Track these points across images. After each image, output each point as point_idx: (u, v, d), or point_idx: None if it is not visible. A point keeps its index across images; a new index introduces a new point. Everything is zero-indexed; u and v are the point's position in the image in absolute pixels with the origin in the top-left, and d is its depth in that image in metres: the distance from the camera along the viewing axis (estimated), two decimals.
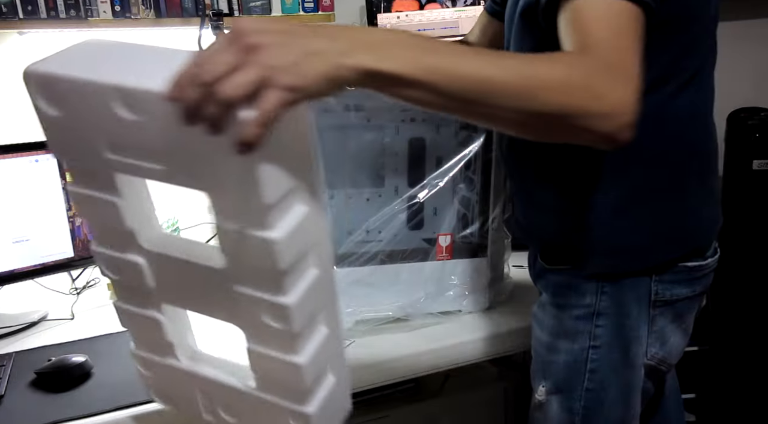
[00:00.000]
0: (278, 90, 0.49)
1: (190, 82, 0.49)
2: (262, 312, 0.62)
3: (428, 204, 1.21)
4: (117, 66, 0.58)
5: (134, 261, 0.68)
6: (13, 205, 1.19)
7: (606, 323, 0.86)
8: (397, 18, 1.58)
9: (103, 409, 0.89)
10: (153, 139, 0.55)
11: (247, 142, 0.49)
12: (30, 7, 1.28)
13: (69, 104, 0.58)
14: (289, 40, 0.51)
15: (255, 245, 0.57)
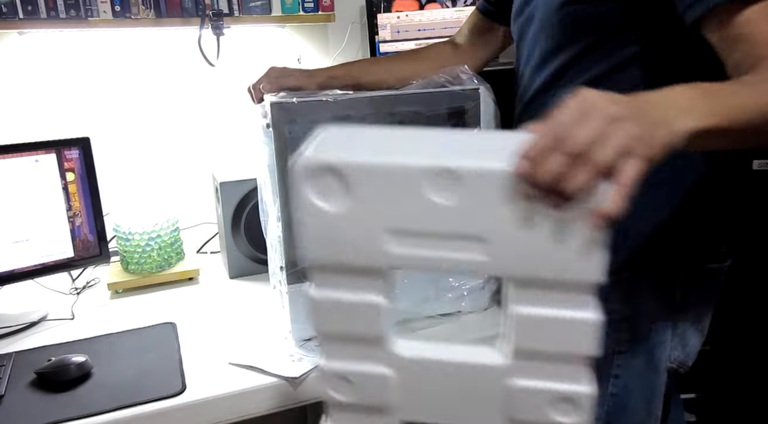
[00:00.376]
0: (639, 160, 0.50)
1: (550, 154, 0.48)
2: (549, 408, 0.56)
3: None
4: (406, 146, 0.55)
5: (381, 373, 0.59)
6: (13, 205, 1.19)
7: (630, 328, 0.86)
8: (397, 18, 1.58)
9: (103, 409, 0.89)
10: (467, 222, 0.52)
11: (609, 214, 0.49)
12: (30, 7, 1.28)
13: (354, 195, 0.53)
14: (640, 112, 0.52)
15: (566, 330, 0.54)
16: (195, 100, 1.58)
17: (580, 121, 0.50)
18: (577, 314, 0.53)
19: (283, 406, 0.96)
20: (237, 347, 1.05)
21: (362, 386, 0.60)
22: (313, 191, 0.53)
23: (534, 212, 0.50)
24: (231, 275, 1.39)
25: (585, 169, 0.48)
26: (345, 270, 0.56)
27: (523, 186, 0.49)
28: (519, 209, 0.50)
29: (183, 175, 1.60)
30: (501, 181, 0.50)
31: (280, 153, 0.99)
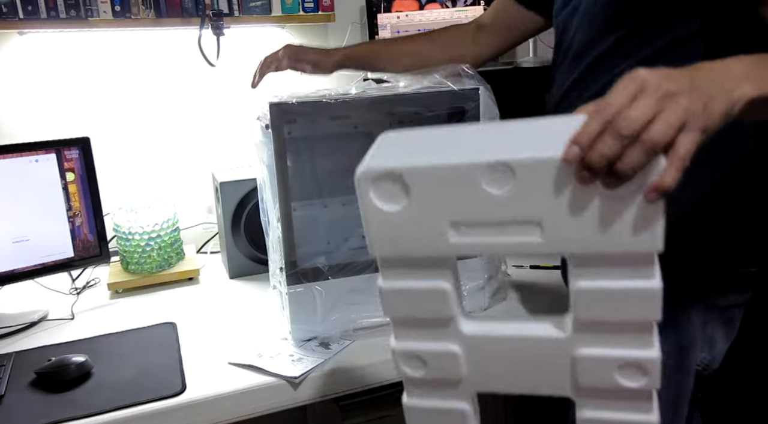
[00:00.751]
0: (694, 132, 0.50)
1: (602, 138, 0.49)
2: (616, 374, 0.59)
3: None
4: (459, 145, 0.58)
5: (450, 351, 0.63)
6: (13, 205, 1.20)
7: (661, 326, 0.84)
8: (397, 18, 1.58)
9: (103, 409, 0.89)
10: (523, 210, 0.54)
11: (665, 187, 0.49)
12: (30, 7, 1.28)
13: (414, 196, 0.57)
14: (694, 84, 0.53)
15: (630, 300, 0.56)
16: (195, 100, 1.58)
17: (633, 100, 0.51)
18: (638, 284, 0.55)
19: (283, 406, 0.96)
20: (237, 347, 1.05)
21: (434, 363, 0.64)
22: (377, 196, 0.58)
23: (588, 193, 0.52)
24: (231, 275, 1.39)
25: (639, 149, 0.49)
26: (411, 262, 0.61)
27: (577, 171, 0.51)
28: (573, 193, 0.52)
29: (183, 176, 1.60)
30: (553, 169, 0.52)
31: (279, 153, 0.99)
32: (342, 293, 1.05)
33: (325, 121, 1.12)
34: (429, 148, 0.59)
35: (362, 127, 1.16)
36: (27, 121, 1.46)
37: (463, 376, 0.64)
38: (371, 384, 1.01)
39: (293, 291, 1.03)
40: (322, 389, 0.98)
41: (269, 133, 0.99)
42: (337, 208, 1.19)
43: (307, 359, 1.00)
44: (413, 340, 0.65)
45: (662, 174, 0.50)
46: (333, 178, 1.18)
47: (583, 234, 0.54)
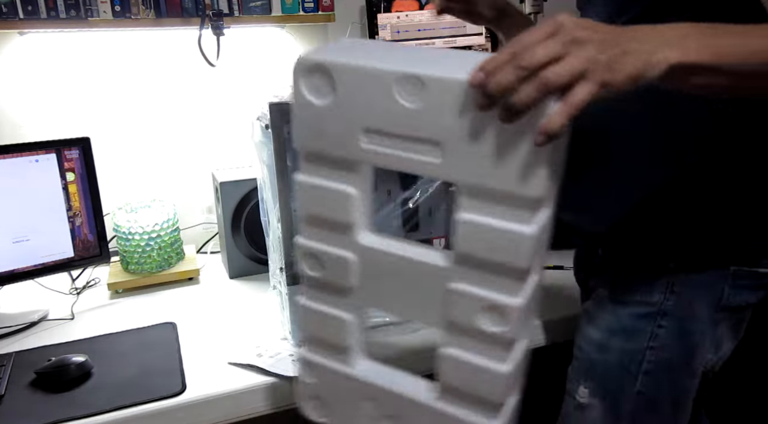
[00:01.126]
0: (592, 84, 0.51)
1: (503, 67, 0.51)
2: (480, 314, 0.60)
3: (423, 206, 1.20)
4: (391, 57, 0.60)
5: (344, 256, 0.66)
6: (13, 205, 1.20)
7: (670, 324, 0.83)
8: (397, 18, 1.58)
9: (103, 409, 0.89)
10: (428, 127, 0.57)
11: (551, 132, 0.50)
12: (30, 7, 1.28)
13: (338, 93, 0.60)
14: (610, 38, 0.53)
15: (501, 240, 0.57)
16: (195, 100, 1.57)
17: (543, 40, 0.52)
18: (513, 227, 0.57)
19: (283, 406, 0.96)
20: (237, 347, 1.05)
21: (330, 266, 0.68)
22: (306, 87, 0.62)
23: (486, 122, 0.54)
24: (231, 275, 1.39)
25: (533, 85, 0.50)
26: (327, 161, 0.64)
27: (478, 96, 0.53)
28: (473, 119, 0.55)
29: (183, 176, 1.60)
30: (459, 90, 0.54)
31: (279, 153, 0.99)
32: None
33: None
34: (364, 53, 0.62)
35: None
36: (27, 121, 1.46)
37: (354, 285, 0.67)
38: None
39: (293, 291, 1.03)
40: None
41: (269, 133, 0.99)
42: None
43: None
44: (315, 240, 0.68)
45: (550, 117, 0.51)
46: None
47: (475, 164, 0.56)
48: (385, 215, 1.20)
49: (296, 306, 1.03)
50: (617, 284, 0.87)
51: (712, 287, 0.82)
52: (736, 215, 0.81)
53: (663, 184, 0.81)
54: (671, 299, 0.82)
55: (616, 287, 0.87)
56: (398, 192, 1.20)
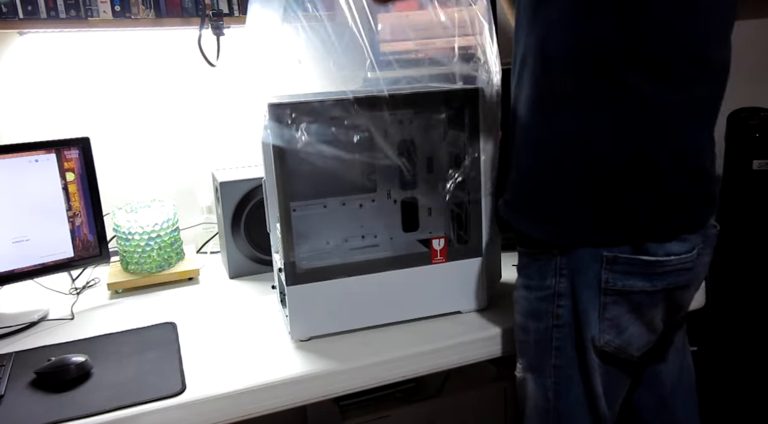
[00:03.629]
0: None
1: None
2: None
3: (422, 206, 1.21)
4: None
5: None
6: (13, 205, 1.20)
7: (565, 303, 0.92)
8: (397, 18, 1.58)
9: (103, 409, 0.89)
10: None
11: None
12: (30, 7, 1.28)
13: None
14: None
15: None
16: (195, 100, 1.58)
17: None
18: None
19: (283, 406, 0.96)
20: (237, 347, 1.05)
21: None
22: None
23: None
24: (231, 275, 1.39)
25: None
26: None
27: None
28: None
29: (183, 176, 1.60)
30: None
31: (279, 153, 0.99)
32: (342, 293, 1.05)
33: (325, 120, 1.12)
34: None
35: (362, 127, 1.16)
36: (27, 121, 1.46)
37: None
38: (371, 384, 1.01)
39: (293, 291, 1.03)
40: (322, 389, 0.98)
41: (269, 133, 0.99)
42: (337, 208, 1.19)
43: (307, 359, 1.00)
44: None
45: None
46: (333, 178, 1.18)
47: None
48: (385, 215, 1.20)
49: (296, 307, 1.03)
50: (524, 271, 0.97)
51: (590, 271, 0.89)
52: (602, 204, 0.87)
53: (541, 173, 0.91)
54: (562, 282, 0.91)
55: (524, 273, 0.97)
56: (398, 192, 1.20)
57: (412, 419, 1.34)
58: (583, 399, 0.93)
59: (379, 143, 1.09)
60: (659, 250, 0.87)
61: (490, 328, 1.09)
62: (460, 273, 1.11)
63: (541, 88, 0.88)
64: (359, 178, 1.19)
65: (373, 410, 1.31)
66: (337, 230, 1.19)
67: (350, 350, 1.02)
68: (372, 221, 1.20)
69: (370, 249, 1.20)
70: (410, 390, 1.36)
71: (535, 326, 0.95)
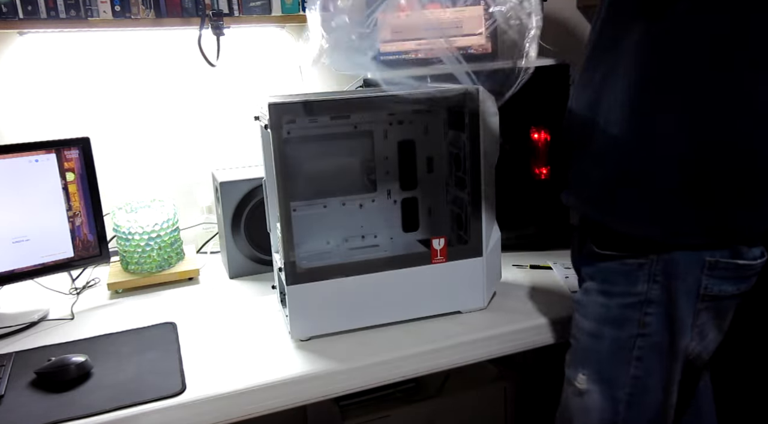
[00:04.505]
0: None
1: None
2: None
3: (422, 205, 1.21)
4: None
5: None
6: (13, 205, 1.20)
7: (655, 311, 0.88)
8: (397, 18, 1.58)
9: (103, 409, 0.89)
10: None
11: None
12: (30, 7, 1.28)
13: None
14: None
15: None
16: (195, 100, 1.58)
17: None
18: None
19: (283, 406, 0.96)
20: (237, 347, 1.05)
21: None
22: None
23: None
24: (231, 275, 1.39)
25: None
26: None
27: None
28: None
29: (183, 176, 1.60)
30: None
31: (279, 153, 0.99)
32: (342, 293, 1.05)
33: (325, 121, 1.12)
34: None
35: (362, 127, 1.16)
36: (27, 121, 1.46)
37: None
38: (371, 384, 1.01)
39: (293, 291, 1.03)
40: (322, 389, 0.98)
41: (269, 133, 0.99)
42: (337, 208, 1.19)
43: (307, 359, 1.00)
44: None
45: None
46: (333, 178, 1.18)
47: None
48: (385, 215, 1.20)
49: (296, 307, 1.03)
50: (604, 275, 0.92)
51: (689, 277, 0.86)
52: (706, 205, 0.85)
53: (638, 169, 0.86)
54: (655, 288, 0.87)
55: (603, 278, 0.92)
56: (398, 192, 1.20)
57: (412, 419, 1.34)
58: (658, 410, 0.90)
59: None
60: (748, 253, 0.87)
61: (490, 328, 1.09)
62: (460, 273, 1.11)
63: (643, 89, 0.85)
64: (359, 178, 1.19)
65: (373, 410, 1.32)
66: (337, 230, 1.19)
67: (350, 350, 1.02)
68: (372, 221, 1.20)
69: (370, 249, 1.20)
70: (410, 390, 1.36)
71: (613, 334, 0.90)
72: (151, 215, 1.38)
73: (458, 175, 1.14)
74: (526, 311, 1.14)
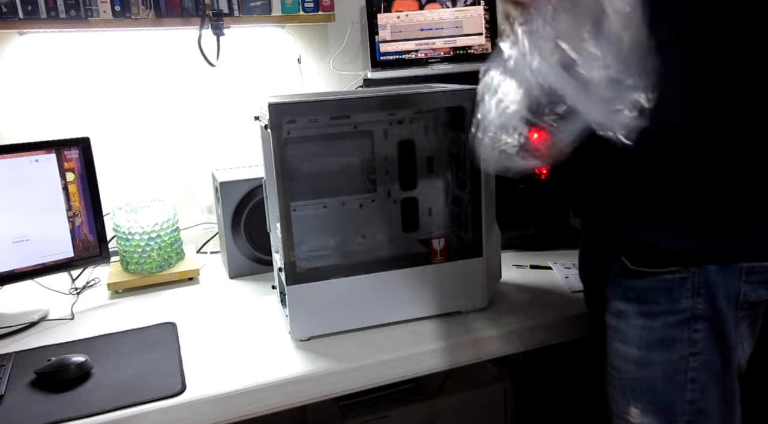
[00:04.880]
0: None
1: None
2: None
3: (422, 205, 1.21)
4: None
5: None
6: (13, 205, 1.20)
7: (704, 327, 0.82)
8: (397, 18, 1.58)
9: (103, 409, 0.89)
10: None
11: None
12: (30, 7, 1.28)
13: None
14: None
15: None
16: (195, 100, 1.58)
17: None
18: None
19: (283, 406, 0.96)
20: (237, 347, 1.05)
21: None
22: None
23: None
24: (231, 275, 1.39)
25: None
26: None
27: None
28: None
29: (183, 176, 1.60)
30: None
31: (279, 153, 0.99)
32: (342, 293, 1.05)
33: (325, 121, 1.12)
34: None
35: (362, 127, 1.16)
36: (27, 121, 1.46)
37: None
38: (371, 384, 1.01)
39: (293, 291, 1.03)
40: (322, 389, 0.98)
41: (269, 133, 0.99)
42: (337, 208, 1.19)
43: (307, 359, 1.00)
44: None
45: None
46: (333, 178, 1.18)
47: None
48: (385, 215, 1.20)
49: (296, 307, 1.03)
50: (641, 294, 0.85)
51: (730, 286, 0.81)
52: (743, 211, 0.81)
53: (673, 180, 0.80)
54: (700, 302, 0.81)
55: (641, 298, 0.85)
56: (398, 192, 1.20)
57: (412, 419, 1.34)
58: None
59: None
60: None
61: (490, 328, 1.09)
62: (460, 273, 1.11)
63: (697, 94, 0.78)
64: (359, 178, 1.19)
65: (373, 410, 1.31)
66: (337, 230, 1.19)
67: (350, 350, 1.02)
68: (372, 221, 1.20)
69: (370, 249, 1.20)
70: (410, 390, 1.36)
71: (664, 358, 0.83)
72: (151, 215, 1.38)
73: (458, 175, 1.14)
74: (526, 311, 1.14)
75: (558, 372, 1.72)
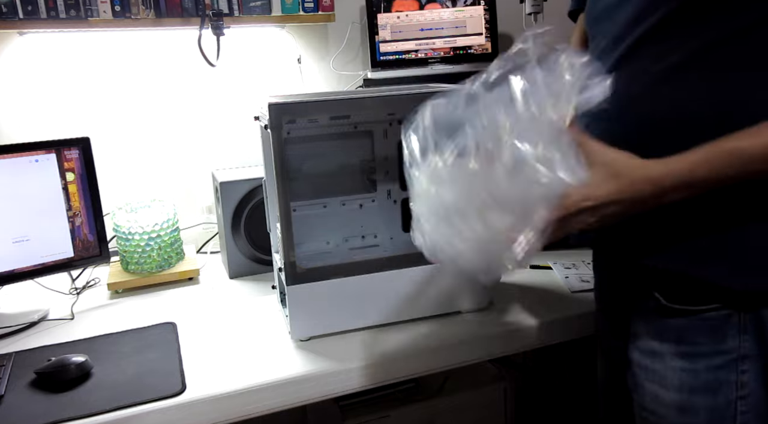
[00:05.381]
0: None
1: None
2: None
3: None
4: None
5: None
6: (13, 205, 1.20)
7: (752, 367, 0.75)
8: (397, 18, 1.58)
9: (103, 409, 0.89)
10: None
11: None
12: (30, 7, 1.28)
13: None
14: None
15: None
16: (195, 100, 1.58)
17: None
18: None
19: (283, 406, 0.96)
20: (237, 347, 1.06)
21: None
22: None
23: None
24: (231, 275, 1.39)
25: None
26: None
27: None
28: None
29: (183, 176, 1.60)
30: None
31: (279, 153, 0.99)
32: (342, 293, 1.05)
33: (325, 121, 1.12)
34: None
35: (362, 127, 1.16)
36: (27, 121, 1.46)
37: None
38: (371, 384, 1.01)
39: (293, 291, 1.03)
40: (322, 389, 0.98)
41: (269, 133, 0.99)
42: (337, 208, 1.19)
43: (308, 359, 1.00)
44: None
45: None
46: (333, 178, 1.18)
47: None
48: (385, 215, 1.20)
49: (296, 307, 1.03)
50: (680, 334, 0.78)
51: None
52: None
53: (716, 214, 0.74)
54: (747, 341, 0.75)
55: (680, 337, 0.78)
56: (398, 192, 1.20)
57: (412, 419, 1.34)
58: None
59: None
60: None
61: (490, 328, 1.09)
62: None
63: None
64: (359, 178, 1.19)
65: (373, 410, 1.31)
66: (337, 230, 1.19)
67: (350, 350, 1.02)
68: (372, 221, 1.20)
69: (370, 249, 1.20)
70: (410, 390, 1.36)
71: (709, 404, 0.76)
72: (151, 215, 1.38)
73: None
74: (526, 311, 1.14)
75: (558, 372, 1.72)
